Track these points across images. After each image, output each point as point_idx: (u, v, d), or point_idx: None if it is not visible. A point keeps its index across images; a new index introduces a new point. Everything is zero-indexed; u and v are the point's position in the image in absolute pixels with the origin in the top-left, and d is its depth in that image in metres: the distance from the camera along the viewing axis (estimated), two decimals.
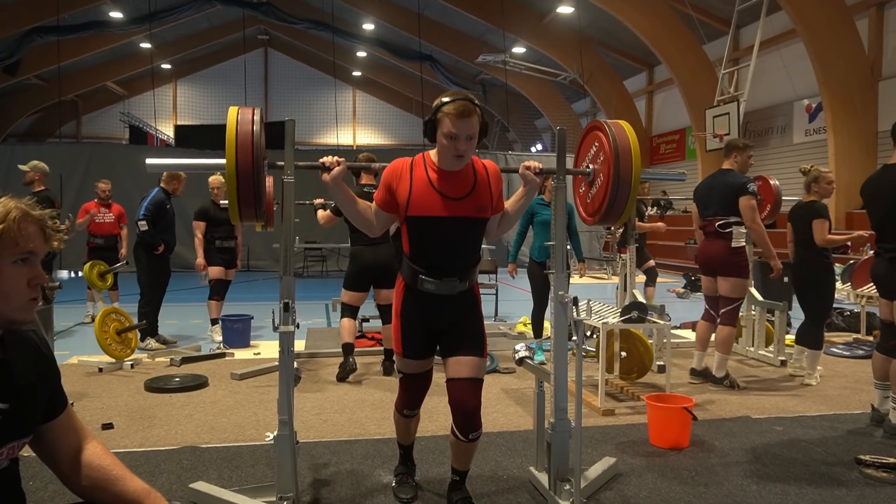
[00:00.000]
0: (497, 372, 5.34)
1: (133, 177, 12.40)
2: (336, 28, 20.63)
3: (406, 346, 2.69)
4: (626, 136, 2.75)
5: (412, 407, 2.87)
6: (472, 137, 2.46)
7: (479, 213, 2.57)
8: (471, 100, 2.45)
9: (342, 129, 26.56)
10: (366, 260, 5.12)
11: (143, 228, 6.25)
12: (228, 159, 2.51)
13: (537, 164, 2.67)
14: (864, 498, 2.98)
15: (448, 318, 2.66)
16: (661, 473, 3.26)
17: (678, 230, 17.24)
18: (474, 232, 2.62)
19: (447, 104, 2.43)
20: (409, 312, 2.68)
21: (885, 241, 3.85)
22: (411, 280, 2.62)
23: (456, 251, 2.60)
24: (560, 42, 19.24)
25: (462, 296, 2.65)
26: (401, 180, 2.57)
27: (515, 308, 9.09)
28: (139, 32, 20.19)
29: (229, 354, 5.93)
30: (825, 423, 4.10)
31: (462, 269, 2.61)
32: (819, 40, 12.27)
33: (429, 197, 2.53)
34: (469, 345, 2.63)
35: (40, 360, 1.53)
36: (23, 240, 1.40)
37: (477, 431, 2.65)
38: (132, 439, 3.70)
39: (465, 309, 2.68)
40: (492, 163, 2.69)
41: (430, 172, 2.56)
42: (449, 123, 2.42)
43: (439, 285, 2.58)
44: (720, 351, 4.89)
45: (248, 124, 2.53)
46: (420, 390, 2.82)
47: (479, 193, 2.58)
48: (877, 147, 12.45)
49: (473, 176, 2.59)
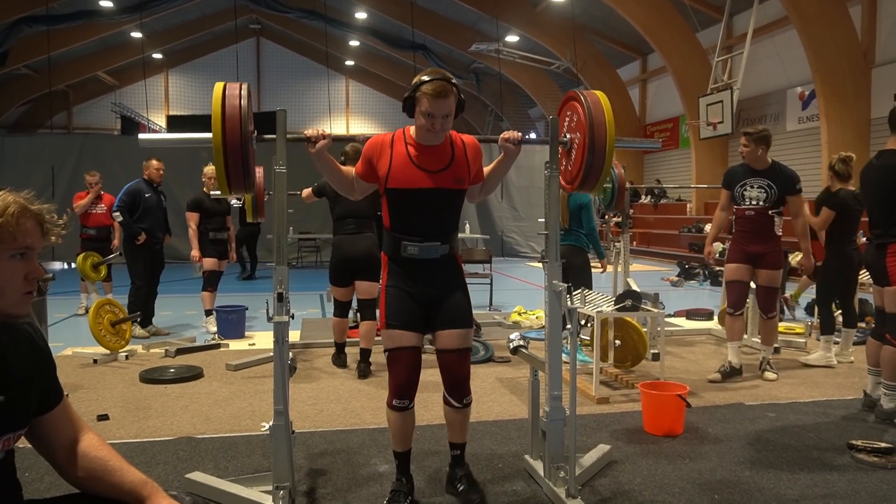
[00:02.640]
0: (492, 361, 5.36)
1: (125, 167, 12.31)
2: (328, 17, 20.50)
3: (391, 315, 2.70)
4: (601, 105, 2.77)
5: (401, 395, 2.68)
6: (448, 116, 2.58)
7: (456, 184, 2.70)
8: (448, 79, 2.56)
9: (335, 118, 26.48)
10: (346, 250, 4.98)
11: (119, 220, 6.28)
12: (214, 133, 2.49)
13: (516, 133, 2.76)
14: (855, 482, 3.01)
15: (434, 287, 2.73)
16: (656, 460, 3.28)
17: (671, 219, 17.30)
18: (453, 202, 2.74)
19: (425, 83, 2.54)
20: (394, 284, 2.74)
21: (876, 226, 3.88)
22: (394, 250, 2.71)
23: (435, 218, 2.71)
24: (553, 30, 19.17)
25: (445, 263, 2.74)
26: (381, 155, 2.68)
27: (510, 297, 9.11)
28: (130, 22, 20.00)
29: (224, 345, 5.92)
30: (818, 409, 4.13)
31: (442, 234, 2.72)
32: (812, 28, 12.26)
33: (408, 170, 2.65)
34: (457, 318, 2.73)
35: (35, 352, 1.53)
36: (21, 234, 1.40)
37: (468, 397, 2.78)
38: (128, 430, 3.70)
39: (450, 280, 2.77)
40: (471, 137, 2.80)
41: (409, 147, 2.68)
42: (427, 103, 2.54)
43: (422, 249, 2.68)
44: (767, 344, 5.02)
45: (235, 98, 2.53)
46: (407, 373, 2.68)
47: (457, 166, 2.70)
48: (869, 134, 12.47)
49: (451, 150, 2.71)
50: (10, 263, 1.41)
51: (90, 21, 19.19)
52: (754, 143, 4.79)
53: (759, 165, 4.82)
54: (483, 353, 5.45)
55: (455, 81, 2.60)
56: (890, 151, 3.85)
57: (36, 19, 18.04)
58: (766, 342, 5.00)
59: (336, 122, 26.92)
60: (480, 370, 5.09)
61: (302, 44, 26.88)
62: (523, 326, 6.93)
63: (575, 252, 5.36)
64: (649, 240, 17.87)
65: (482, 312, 7.84)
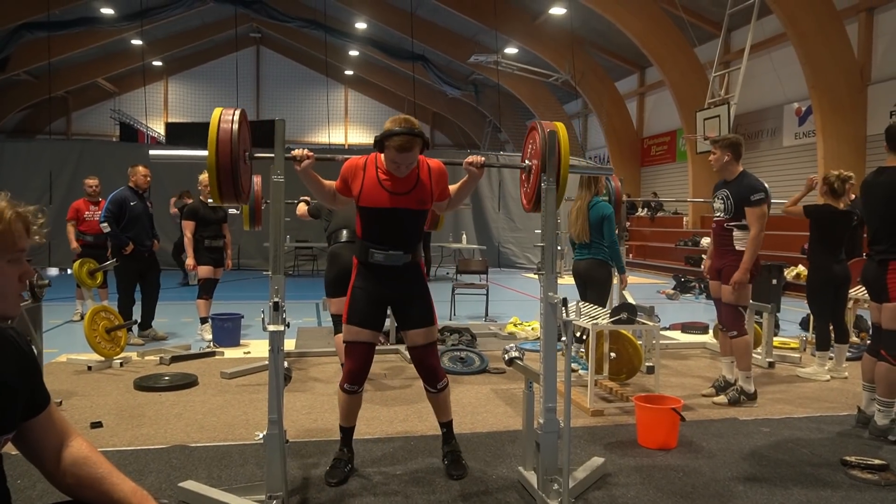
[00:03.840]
0: (487, 372, 5.35)
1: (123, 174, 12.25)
2: (328, 27, 20.60)
3: (352, 314, 3.12)
4: (556, 133, 2.97)
5: (353, 381, 3.12)
6: (412, 164, 2.97)
7: (419, 205, 3.07)
8: (413, 132, 2.88)
9: (334, 127, 26.53)
10: (345, 260, 4.75)
11: (107, 230, 6.31)
12: (210, 153, 2.72)
13: (480, 158, 3.09)
14: (849, 499, 3.01)
15: (398, 291, 3.14)
16: (649, 474, 3.28)
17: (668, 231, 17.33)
18: (415, 219, 3.11)
19: (394, 137, 2.87)
20: (361, 286, 3.14)
21: (877, 242, 3.87)
22: (363, 255, 3.11)
23: (399, 232, 3.08)
24: (552, 43, 19.27)
25: (408, 270, 3.13)
26: (355, 177, 3.05)
27: (505, 308, 9.11)
28: (131, 29, 20.07)
29: (219, 353, 5.91)
30: (812, 424, 4.13)
31: (405, 245, 3.08)
32: (809, 44, 12.35)
33: (376, 192, 3.02)
34: (420, 319, 3.15)
35: (20, 357, 1.53)
36: (19, 239, 1.46)
37: (442, 381, 3.22)
38: (121, 438, 3.69)
39: (412, 285, 3.17)
40: (436, 161, 3.16)
41: (379, 172, 3.05)
42: (393, 153, 2.90)
43: (386, 256, 3.06)
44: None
45: (228, 122, 2.75)
46: (359, 363, 3.11)
47: (421, 189, 3.06)
48: (865, 151, 12.54)
49: (417, 175, 3.06)
50: (9, 267, 1.46)
51: (91, 28, 19.27)
52: (720, 149, 4.53)
53: (726, 175, 4.59)
54: (478, 363, 5.44)
55: (419, 131, 2.92)
56: (892, 168, 3.85)
57: (37, 26, 18.10)
58: (737, 365, 4.58)
59: (335, 131, 26.97)
60: (475, 381, 5.09)
61: (302, 53, 26.98)
62: (519, 338, 6.93)
63: (595, 266, 5.27)
64: (645, 252, 17.89)
65: (478, 323, 7.84)
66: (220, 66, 26.75)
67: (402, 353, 5.87)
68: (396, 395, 4.65)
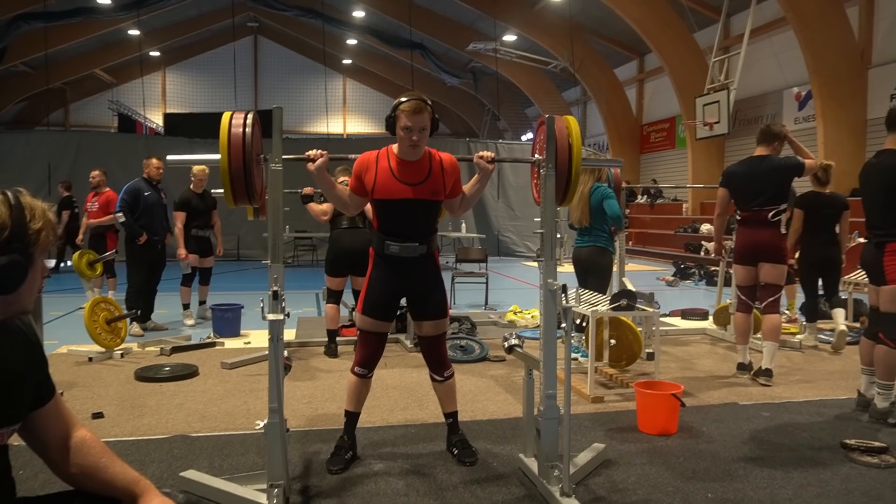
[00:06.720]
0: (487, 360, 5.36)
1: (122, 165, 12.32)
2: (326, 16, 20.50)
3: (367, 305, 3.18)
4: (565, 128, 2.96)
5: (364, 365, 3.21)
6: (424, 129, 2.98)
7: (432, 196, 3.10)
8: (423, 99, 2.97)
9: (332, 117, 26.44)
10: (344, 244, 5.39)
11: (121, 220, 6.35)
12: (222, 158, 2.67)
13: (490, 153, 3.07)
14: (849, 481, 3.02)
15: (413, 282, 3.18)
16: (650, 459, 3.29)
17: (667, 218, 17.32)
18: (429, 210, 3.14)
19: (403, 103, 2.96)
20: (377, 277, 3.18)
21: (874, 226, 3.87)
22: (379, 247, 3.14)
23: (414, 224, 3.12)
24: (550, 30, 19.17)
25: (424, 262, 3.16)
26: (368, 170, 3.08)
27: (505, 297, 9.12)
28: (128, 19, 19.95)
29: (219, 343, 5.92)
30: (812, 408, 4.14)
31: (420, 236, 3.12)
32: (809, 28, 12.28)
33: (390, 183, 3.05)
34: (435, 310, 3.21)
35: (28, 348, 1.53)
36: (53, 237, 1.51)
37: (448, 370, 3.28)
38: (123, 428, 3.70)
39: (427, 276, 3.20)
40: (448, 155, 3.17)
41: (391, 163, 3.08)
42: (405, 118, 2.95)
43: (402, 248, 3.09)
44: (773, 339, 4.74)
45: (239, 127, 2.70)
46: (372, 350, 3.21)
47: (434, 180, 3.09)
48: (866, 135, 12.50)
49: (429, 165, 3.10)
50: (40, 264, 1.52)
51: (88, 18, 19.16)
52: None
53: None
54: (478, 351, 5.45)
55: (430, 102, 2.99)
56: (890, 151, 3.84)
57: (34, 16, 18.00)
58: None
59: (333, 120, 26.88)
60: (475, 369, 5.10)
61: (299, 42, 26.85)
62: (519, 326, 6.94)
63: (596, 253, 5.28)
64: (645, 240, 17.89)
65: (478, 311, 7.85)
66: (218, 56, 26.63)
67: (403, 342, 5.88)
68: (397, 384, 4.66)
